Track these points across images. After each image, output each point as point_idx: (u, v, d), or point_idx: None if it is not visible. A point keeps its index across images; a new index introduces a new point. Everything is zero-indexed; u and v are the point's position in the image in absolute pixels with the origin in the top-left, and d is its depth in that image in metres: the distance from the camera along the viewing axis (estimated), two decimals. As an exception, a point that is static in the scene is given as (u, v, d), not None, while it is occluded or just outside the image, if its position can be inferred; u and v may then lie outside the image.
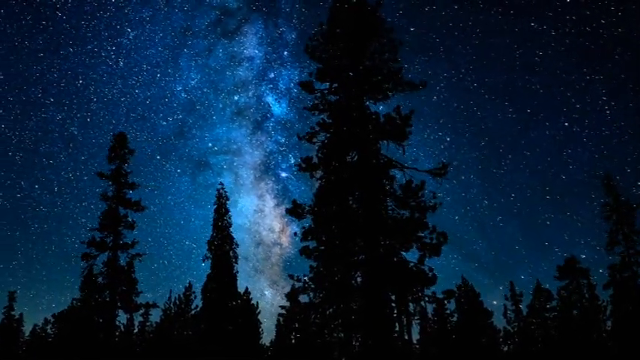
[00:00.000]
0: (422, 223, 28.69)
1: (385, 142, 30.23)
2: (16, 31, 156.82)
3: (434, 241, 28.51)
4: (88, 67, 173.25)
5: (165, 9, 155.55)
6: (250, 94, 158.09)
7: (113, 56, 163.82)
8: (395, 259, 28.57)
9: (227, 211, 58.45)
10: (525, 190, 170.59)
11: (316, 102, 31.60)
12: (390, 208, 29.60)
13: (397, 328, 28.34)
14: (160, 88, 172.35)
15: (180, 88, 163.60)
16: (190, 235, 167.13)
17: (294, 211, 30.03)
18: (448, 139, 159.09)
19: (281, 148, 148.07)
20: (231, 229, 57.81)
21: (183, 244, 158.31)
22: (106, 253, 45.72)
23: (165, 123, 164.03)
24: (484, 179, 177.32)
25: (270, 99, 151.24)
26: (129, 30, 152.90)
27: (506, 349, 67.83)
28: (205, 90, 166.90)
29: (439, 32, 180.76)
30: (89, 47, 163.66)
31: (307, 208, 30.01)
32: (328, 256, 29.02)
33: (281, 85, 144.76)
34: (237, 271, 56.52)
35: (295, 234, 30.02)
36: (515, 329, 66.64)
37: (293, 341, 65.51)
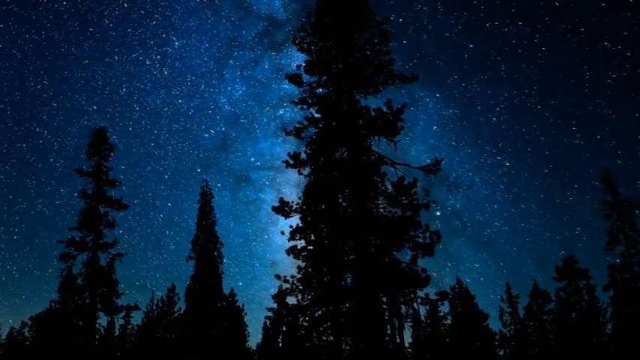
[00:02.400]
0: (414, 221, 28.65)
1: (376, 137, 30.26)
2: (63, 38, 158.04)
3: (427, 241, 28.45)
4: (132, 76, 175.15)
5: (212, 18, 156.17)
6: (296, 108, 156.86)
7: (158, 65, 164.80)
8: (386, 259, 28.53)
9: (212, 209, 58.55)
10: (591, 224, 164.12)
11: (304, 95, 31.59)
12: (381, 206, 29.57)
13: (389, 331, 28.32)
14: (203, 100, 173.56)
15: (224, 100, 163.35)
16: (228, 253, 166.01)
17: (281, 209, 29.98)
18: (507, 164, 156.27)
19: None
20: (216, 227, 57.89)
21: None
22: (86, 253, 45.57)
23: (207, 135, 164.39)
24: (546, 210, 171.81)
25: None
26: (174, 39, 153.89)
27: (502, 353, 67.95)
28: (250, 103, 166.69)
29: (501, 50, 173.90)
30: (134, 55, 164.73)
31: (295, 206, 29.98)
32: (317, 256, 28.98)
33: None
34: (223, 272, 56.61)
35: (282, 233, 29.96)
36: (512, 332, 66.70)
37: (280, 345, 65.58)
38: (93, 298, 44.65)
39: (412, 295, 28.58)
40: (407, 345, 57.62)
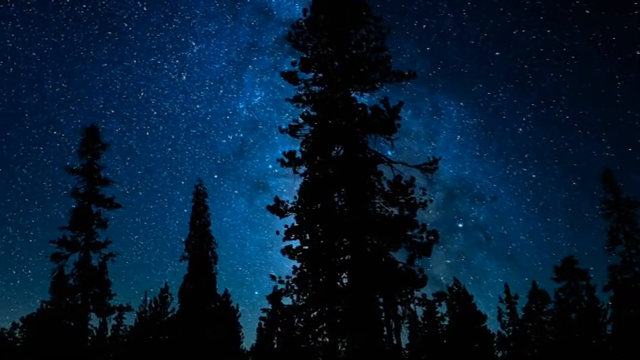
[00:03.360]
0: (411, 221, 28.67)
1: (372, 135, 30.23)
2: (82, 41, 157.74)
3: (424, 241, 28.49)
4: (151, 80, 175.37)
5: (232, 23, 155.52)
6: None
7: (176, 70, 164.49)
8: (383, 260, 28.55)
9: (206, 208, 58.39)
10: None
11: (300, 93, 31.57)
12: (377, 205, 29.57)
13: (385, 332, 28.31)
14: (221, 105, 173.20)
15: (243, 106, 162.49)
16: (244, 261, 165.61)
17: (276, 209, 29.96)
18: (534, 175, 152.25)
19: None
20: (210, 227, 57.78)
21: (236, 269, 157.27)
22: (78, 254, 45.48)
23: (225, 141, 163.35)
24: (574, 224, 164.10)
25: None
26: (193, 44, 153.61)
27: (500, 354, 67.93)
28: (269, 109, 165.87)
29: (527, 58, 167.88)
30: (152, 59, 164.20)
31: (290, 205, 29.96)
32: (312, 257, 28.95)
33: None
34: (217, 272, 56.53)
35: (277, 232, 29.92)
36: (510, 334, 66.65)
37: (275, 346, 65.50)
38: (85, 298, 44.57)
39: (409, 296, 28.59)
40: (404, 346, 57.61)
